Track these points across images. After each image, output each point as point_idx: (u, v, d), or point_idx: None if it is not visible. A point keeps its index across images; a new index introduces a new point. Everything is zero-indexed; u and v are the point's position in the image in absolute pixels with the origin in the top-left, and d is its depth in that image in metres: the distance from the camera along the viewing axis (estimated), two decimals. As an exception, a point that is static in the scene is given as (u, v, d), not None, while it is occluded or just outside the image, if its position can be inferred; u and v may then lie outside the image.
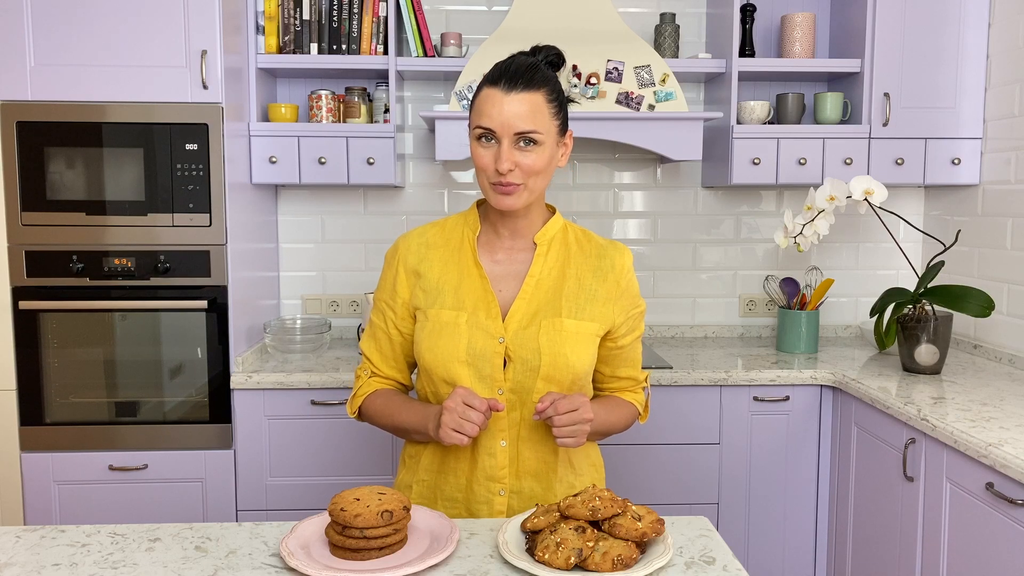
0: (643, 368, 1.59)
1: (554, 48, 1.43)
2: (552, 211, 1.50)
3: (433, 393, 1.46)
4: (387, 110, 2.79)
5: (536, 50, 1.43)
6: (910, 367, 2.46)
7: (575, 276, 1.45)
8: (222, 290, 2.43)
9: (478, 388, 1.40)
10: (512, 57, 1.38)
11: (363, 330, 2.71)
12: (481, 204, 1.50)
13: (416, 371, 1.52)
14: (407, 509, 1.19)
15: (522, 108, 1.33)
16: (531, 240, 1.46)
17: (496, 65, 1.38)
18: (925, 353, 2.42)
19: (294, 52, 2.69)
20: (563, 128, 1.41)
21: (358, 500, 1.17)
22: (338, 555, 1.16)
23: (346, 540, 1.15)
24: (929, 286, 2.47)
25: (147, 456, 2.44)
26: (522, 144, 1.34)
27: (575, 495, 1.20)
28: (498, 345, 1.40)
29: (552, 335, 1.40)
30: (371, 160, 2.65)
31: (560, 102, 1.39)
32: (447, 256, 1.46)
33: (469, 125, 1.39)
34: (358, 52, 2.69)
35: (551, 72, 1.41)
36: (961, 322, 2.83)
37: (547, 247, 1.46)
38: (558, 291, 1.43)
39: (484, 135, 1.35)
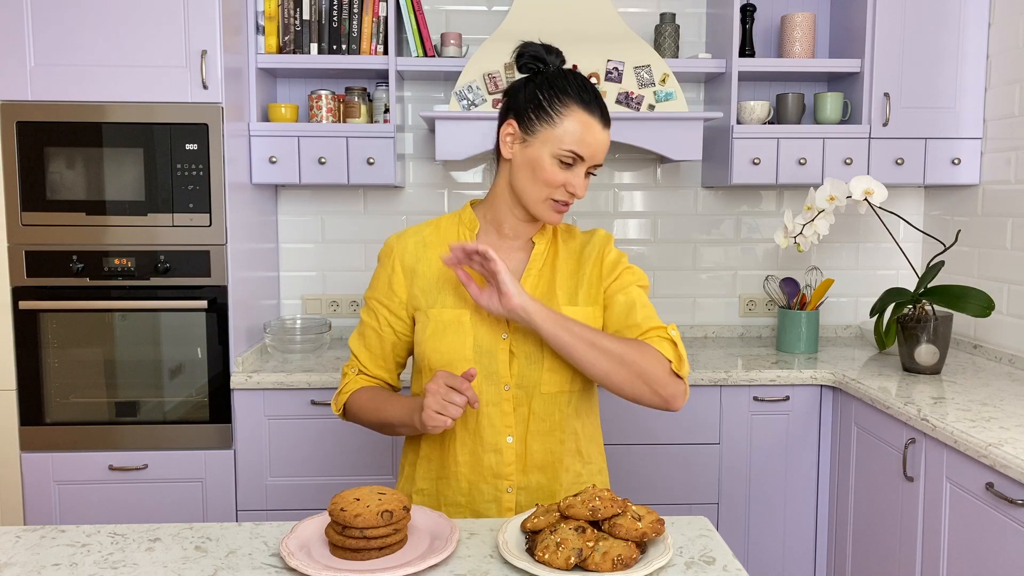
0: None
1: (559, 51, 1.47)
2: None
3: None
4: (387, 110, 2.79)
5: (548, 49, 1.44)
6: (910, 367, 2.46)
7: (563, 268, 1.47)
8: (222, 290, 2.43)
9: (485, 386, 1.40)
10: (582, 77, 1.42)
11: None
12: (476, 205, 1.50)
13: (412, 372, 1.52)
14: (407, 509, 1.19)
15: (607, 143, 1.42)
16: (527, 239, 1.49)
17: (580, 83, 1.40)
18: (925, 353, 2.42)
19: (294, 52, 2.69)
20: None
21: (358, 500, 1.17)
22: (338, 555, 1.16)
23: (346, 540, 1.15)
24: (929, 286, 2.47)
25: (147, 456, 2.45)
26: (589, 171, 1.42)
27: (575, 495, 1.20)
28: (502, 341, 1.41)
29: None
30: (371, 160, 2.65)
31: None
32: (444, 253, 1.46)
33: (538, 131, 1.37)
34: (358, 52, 2.69)
35: None
36: (961, 322, 2.83)
37: (544, 245, 1.49)
38: (552, 284, 1.45)
39: (570, 158, 1.37)
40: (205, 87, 2.36)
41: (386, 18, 2.67)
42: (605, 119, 1.40)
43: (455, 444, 1.43)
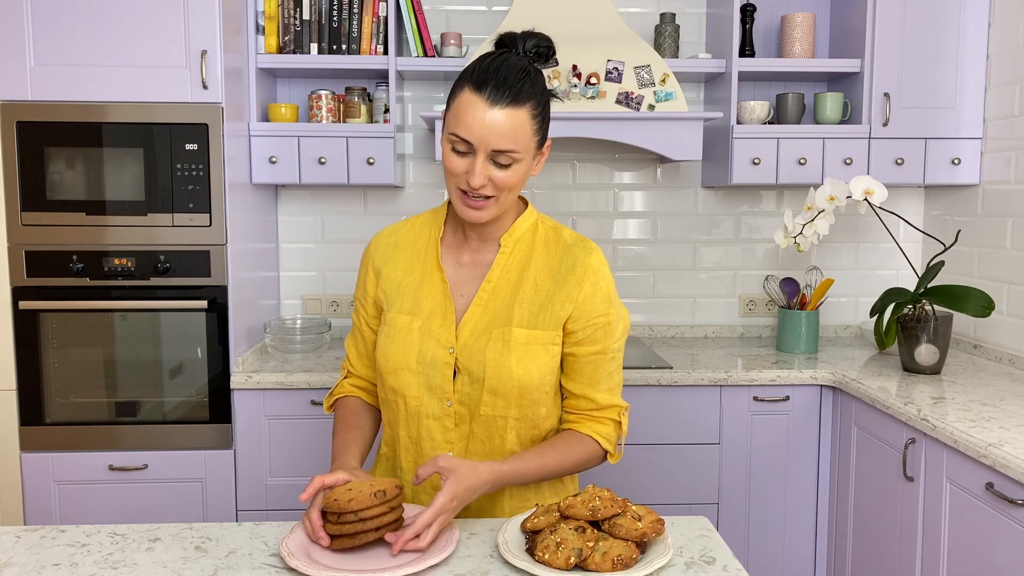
0: (638, 385, 1.49)
1: (545, 38, 1.33)
2: (524, 204, 1.42)
3: (384, 398, 1.43)
4: (387, 110, 2.79)
5: (527, 36, 1.32)
6: (910, 367, 2.46)
7: (532, 280, 1.37)
8: (222, 290, 2.43)
9: (427, 398, 1.36)
10: (501, 56, 1.27)
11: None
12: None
13: None
14: (400, 488, 1.19)
15: (504, 126, 1.23)
16: (494, 240, 1.40)
17: (483, 63, 1.26)
18: (925, 353, 2.42)
19: (294, 52, 2.69)
20: (542, 141, 1.32)
21: (350, 489, 1.18)
22: (337, 546, 1.16)
23: (343, 527, 1.15)
24: (929, 286, 2.47)
25: (147, 456, 2.44)
26: (497, 162, 1.26)
27: (575, 495, 1.20)
28: (448, 356, 1.35)
29: (500, 346, 1.33)
30: (371, 160, 2.65)
31: (544, 115, 1.30)
32: (412, 256, 1.42)
33: (443, 124, 1.29)
34: (358, 52, 2.69)
35: (539, 76, 1.31)
36: (961, 322, 2.83)
37: (511, 248, 1.39)
38: (512, 297, 1.36)
39: (459, 144, 1.26)
40: (205, 87, 2.36)
41: (386, 18, 2.67)
42: (496, 96, 1.22)
43: (400, 450, 1.42)
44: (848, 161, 2.72)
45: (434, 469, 1.21)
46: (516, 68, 1.26)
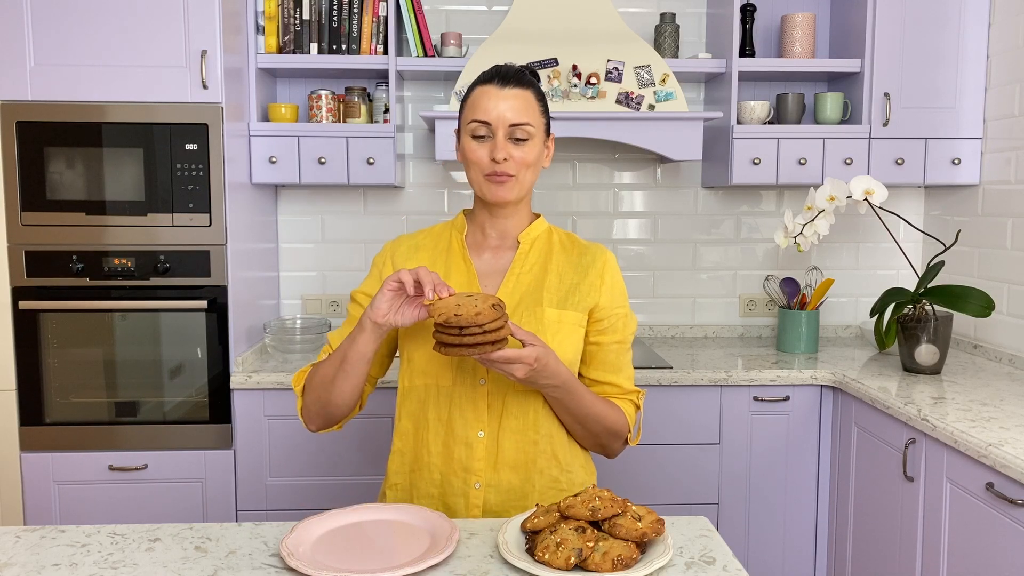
0: (638, 384, 1.56)
1: (527, 67, 1.53)
2: (536, 216, 1.54)
3: (410, 386, 1.45)
4: (387, 110, 2.79)
5: (508, 67, 1.53)
6: (910, 367, 2.46)
7: (556, 272, 1.47)
8: (222, 290, 2.43)
9: (460, 378, 1.41)
10: (499, 64, 1.47)
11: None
12: (468, 213, 1.54)
13: (400, 365, 1.51)
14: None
15: (516, 103, 1.40)
16: (513, 239, 1.50)
17: (484, 71, 1.45)
18: (925, 353, 2.42)
19: (294, 52, 2.69)
20: (548, 127, 1.48)
21: (459, 305, 1.23)
22: (452, 354, 1.22)
23: (464, 339, 1.21)
24: (929, 286, 2.47)
25: (147, 456, 2.45)
26: (515, 137, 1.41)
27: (575, 495, 1.20)
28: None
29: (533, 324, 1.41)
30: (371, 160, 2.65)
31: (545, 103, 1.48)
32: (435, 256, 1.50)
33: (460, 123, 1.45)
34: (358, 52, 2.69)
35: (533, 77, 1.49)
36: (961, 322, 2.83)
37: (529, 245, 1.49)
38: (540, 284, 1.45)
39: (479, 129, 1.41)
40: (205, 87, 2.36)
41: (386, 18, 2.67)
42: (504, 82, 1.41)
43: (429, 434, 1.44)
44: (848, 161, 2.72)
45: (526, 337, 1.29)
46: (513, 67, 1.46)
